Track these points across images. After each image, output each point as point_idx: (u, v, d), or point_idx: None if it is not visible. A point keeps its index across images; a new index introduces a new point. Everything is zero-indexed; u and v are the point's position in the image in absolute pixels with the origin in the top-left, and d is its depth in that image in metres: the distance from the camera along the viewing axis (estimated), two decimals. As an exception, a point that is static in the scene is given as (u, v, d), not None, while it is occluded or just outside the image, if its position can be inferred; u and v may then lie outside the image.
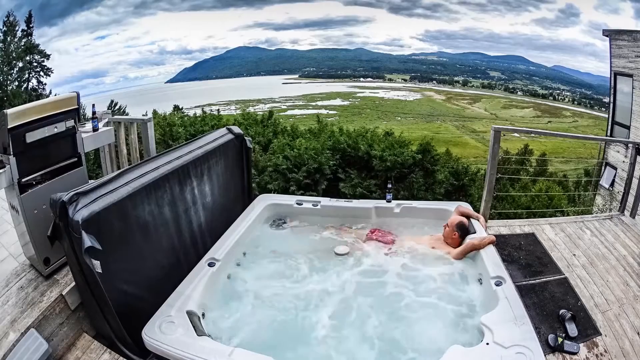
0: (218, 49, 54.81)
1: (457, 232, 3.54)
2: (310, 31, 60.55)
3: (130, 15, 44.36)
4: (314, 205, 4.16)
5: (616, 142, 10.56)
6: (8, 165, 2.71)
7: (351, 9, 53.67)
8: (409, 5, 53.05)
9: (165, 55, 52.27)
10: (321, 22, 58.54)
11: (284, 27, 57.23)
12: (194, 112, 14.23)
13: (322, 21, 57.06)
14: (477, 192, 7.66)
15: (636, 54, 10.15)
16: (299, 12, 56.29)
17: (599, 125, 33.65)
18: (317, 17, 55.98)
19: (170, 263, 3.14)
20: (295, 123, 11.18)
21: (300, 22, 55.64)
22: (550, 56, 48.37)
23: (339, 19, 54.33)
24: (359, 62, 54.99)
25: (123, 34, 44.91)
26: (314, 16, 56.15)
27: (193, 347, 2.38)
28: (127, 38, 45.93)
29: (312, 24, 57.26)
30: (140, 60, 48.87)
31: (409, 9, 53.19)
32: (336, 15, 54.56)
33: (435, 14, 52.04)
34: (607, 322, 2.83)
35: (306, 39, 56.93)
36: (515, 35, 49.85)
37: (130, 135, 4.69)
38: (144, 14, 45.29)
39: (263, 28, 55.90)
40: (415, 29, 55.75)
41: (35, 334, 2.48)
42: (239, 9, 52.29)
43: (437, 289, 3.12)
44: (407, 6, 53.09)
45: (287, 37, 56.51)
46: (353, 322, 2.86)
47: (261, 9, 52.17)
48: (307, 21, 55.42)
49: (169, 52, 52.20)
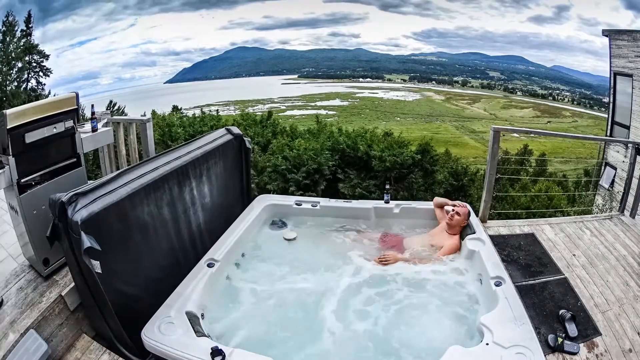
0: (205, 50, 55.20)
1: (467, 220, 3.68)
2: (297, 30, 60.63)
3: (102, 22, 44.75)
4: (313, 205, 4.16)
5: (616, 142, 10.57)
6: (7, 166, 2.70)
7: (342, 5, 53.76)
8: (399, 3, 53.04)
9: (153, 57, 52.67)
10: (308, 21, 58.56)
11: (266, 27, 57.39)
12: (193, 112, 14.22)
13: (310, 20, 57.11)
14: (476, 193, 7.68)
15: (636, 54, 10.16)
16: (281, 11, 56.39)
17: (598, 125, 33.68)
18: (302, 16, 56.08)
19: (170, 264, 3.14)
20: (295, 123, 11.17)
21: (284, 22, 55.73)
22: (548, 55, 48.49)
23: (325, 17, 54.47)
24: (358, 63, 55.10)
25: (102, 39, 45.32)
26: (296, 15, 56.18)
27: (192, 347, 2.38)
28: (108, 42, 46.32)
29: (299, 23, 57.41)
30: (127, 62, 49.21)
31: (398, 7, 53.15)
32: (322, 13, 54.81)
33: (426, 11, 52.21)
34: (607, 322, 2.83)
35: (297, 38, 57.01)
36: (510, 33, 50.02)
37: (129, 135, 4.68)
38: (116, 19, 45.64)
39: (244, 28, 56.15)
40: (409, 27, 55.81)
41: (34, 334, 2.47)
42: (210, 10, 52.63)
43: (437, 289, 3.12)
44: (397, 3, 53.08)
45: (275, 37, 56.67)
46: (353, 322, 2.86)
47: (233, 9, 52.66)
48: (290, 20, 55.47)
49: (154, 54, 52.59)
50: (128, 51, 49.05)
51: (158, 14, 48.35)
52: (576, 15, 47.90)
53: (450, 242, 3.56)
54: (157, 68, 52.99)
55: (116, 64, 47.92)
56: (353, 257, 3.56)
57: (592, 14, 47.84)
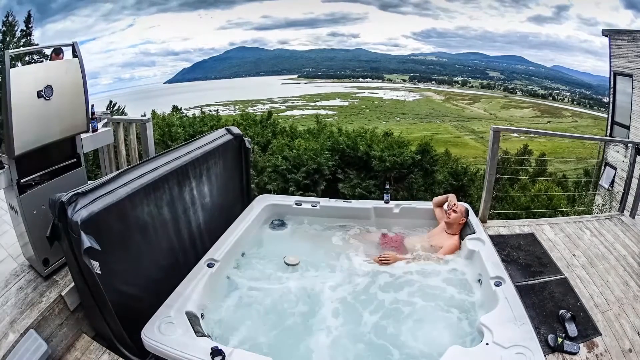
0: (204, 50, 55.23)
1: (465, 218, 3.68)
2: (296, 30, 60.58)
3: (101, 22, 44.88)
4: (313, 205, 4.16)
5: (616, 142, 10.55)
6: (7, 166, 2.71)
7: (341, 5, 53.75)
8: (399, 3, 53.01)
9: (152, 57, 52.74)
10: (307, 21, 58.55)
11: (265, 27, 57.37)
12: (193, 112, 14.23)
13: (309, 20, 57.10)
14: (476, 193, 7.68)
15: (636, 54, 10.15)
16: (279, 11, 56.38)
17: (598, 125, 33.70)
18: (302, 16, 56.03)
19: (169, 264, 3.14)
20: (294, 123, 11.17)
21: (282, 22, 55.71)
22: (547, 55, 48.52)
23: (324, 17, 54.47)
24: (357, 63, 55.12)
25: (101, 40, 45.46)
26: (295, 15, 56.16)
27: (192, 347, 2.38)
28: (107, 43, 46.47)
29: (298, 23, 57.40)
30: (127, 62, 49.26)
31: (398, 6, 53.11)
32: (321, 13, 54.81)
33: (426, 11, 52.21)
34: (607, 322, 2.83)
35: (296, 38, 57.00)
36: (510, 33, 50.05)
37: (129, 135, 4.68)
38: (114, 19, 45.75)
39: (243, 28, 56.23)
40: (409, 27, 55.83)
41: (34, 334, 2.47)
42: (208, 10, 52.70)
43: (437, 289, 3.12)
44: (396, 3, 53.04)
45: (274, 37, 56.64)
46: (352, 322, 2.86)
47: (231, 8, 52.81)
48: (289, 20, 55.45)
49: (153, 54, 52.65)
50: (127, 51, 49.27)
51: (156, 14, 48.50)
52: (576, 14, 48.03)
53: (450, 242, 3.56)
54: (156, 68, 53.14)
55: (115, 64, 48.07)
56: (353, 257, 3.56)
57: (591, 14, 47.96)
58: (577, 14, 47.75)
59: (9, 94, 2.49)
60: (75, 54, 3.00)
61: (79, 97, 3.05)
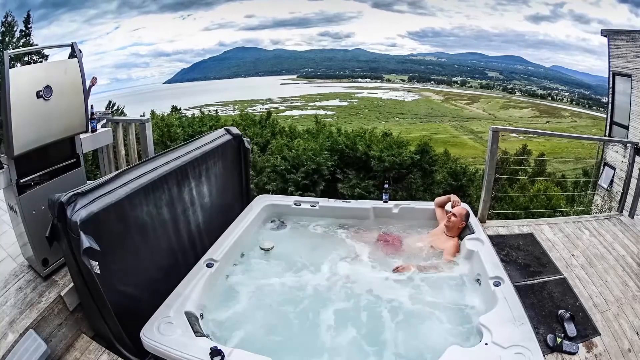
0: (195, 50, 55.22)
1: (464, 222, 3.68)
2: (288, 30, 60.50)
3: (85, 26, 45.09)
4: (312, 205, 4.16)
5: (615, 142, 10.56)
6: (6, 166, 2.70)
7: (334, 3, 53.68)
8: (392, 1, 52.94)
9: (143, 58, 52.78)
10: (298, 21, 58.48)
11: (252, 28, 57.28)
12: (192, 112, 14.22)
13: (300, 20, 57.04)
14: (475, 193, 7.67)
15: (635, 54, 10.17)
16: (264, 11, 56.23)
17: (597, 125, 33.76)
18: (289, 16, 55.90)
19: (169, 264, 3.14)
20: (294, 124, 11.16)
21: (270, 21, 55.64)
22: (546, 54, 48.56)
23: (314, 16, 54.39)
24: (356, 63, 55.16)
25: (88, 43, 45.37)
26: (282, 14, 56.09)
27: (191, 347, 2.38)
28: (95, 45, 46.55)
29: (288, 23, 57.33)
30: (120, 64, 49.36)
31: (391, 5, 53.03)
32: (310, 12, 54.84)
33: (420, 9, 52.20)
34: (606, 322, 2.83)
35: (290, 38, 56.89)
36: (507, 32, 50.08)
37: (128, 136, 4.68)
38: (98, 23, 45.92)
39: (234, 29, 56.10)
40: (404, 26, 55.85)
41: (34, 334, 2.47)
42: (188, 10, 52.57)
43: (436, 289, 3.13)
44: (390, 1, 52.98)
45: (267, 36, 56.53)
46: (352, 322, 2.85)
47: (213, 9, 52.78)
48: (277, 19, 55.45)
49: (144, 55, 52.71)
50: (117, 53, 49.45)
51: (139, 17, 48.62)
52: (571, 11, 48.06)
53: (449, 245, 3.55)
54: (154, 69, 53.11)
55: (107, 66, 48.17)
56: (352, 257, 3.56)
57: (587, 10, 47.93)
58: (571, 11, 47.87)
59: (8, 94, 2.49)
60: (74, 54, 3.00)
61: (78, 98, 3.06)
